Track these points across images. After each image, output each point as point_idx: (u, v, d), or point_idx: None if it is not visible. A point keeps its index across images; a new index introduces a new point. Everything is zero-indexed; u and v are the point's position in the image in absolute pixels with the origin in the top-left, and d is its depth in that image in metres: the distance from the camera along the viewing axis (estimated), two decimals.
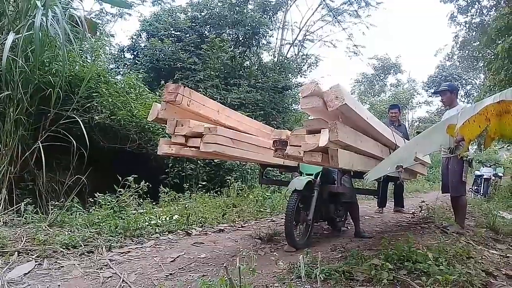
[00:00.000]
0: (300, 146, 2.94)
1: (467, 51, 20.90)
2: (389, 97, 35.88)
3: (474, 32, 16.43)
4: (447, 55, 29.80)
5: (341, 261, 3.30)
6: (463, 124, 1.81)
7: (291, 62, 17.41)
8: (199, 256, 3.57)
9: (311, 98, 2.68)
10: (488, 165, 14.06)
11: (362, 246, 4.07)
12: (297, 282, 2.72)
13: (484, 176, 11.96)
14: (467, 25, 17.35)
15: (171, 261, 3.37)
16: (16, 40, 4.83)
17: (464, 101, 26.81)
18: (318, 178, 4.14)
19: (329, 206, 4.51)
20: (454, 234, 4.53)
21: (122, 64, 13.11)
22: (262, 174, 5.18)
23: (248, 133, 4.13)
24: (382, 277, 2.66)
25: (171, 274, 3.01)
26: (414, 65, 72.28)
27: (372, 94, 39.33)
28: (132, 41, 14.60)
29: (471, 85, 30.82)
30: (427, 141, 2.38)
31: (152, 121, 3.82)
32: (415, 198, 10.30)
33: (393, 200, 7.65)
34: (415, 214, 6.45)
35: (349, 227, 5.21)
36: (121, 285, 2.72)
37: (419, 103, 37.87)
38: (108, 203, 4.71)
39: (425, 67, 79.68)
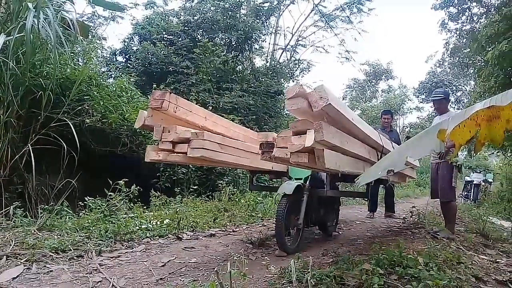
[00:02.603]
0: (287, 148, 2.95)
1: (457, 58, 21.08)
2: (380, 102, 35.94)
3: (465, 39, 16.61)
4: (437, 62, 30.20)
5: (332, 266, 3.29)
6: (453, 129, 1.82)
7: (284, 67, 17.43)
8: (190, 261, 3.55)
9: (296, 99, 2.69)
10: (478, 171, 14.20)
11: (353, 251, 4.08)
12: (288, 287, 2.72)
13: (474, 182, 12.07)
14: (457, 32, 17.56)
15: (162, 266, 3.34)
16: (7, 42, 4.78)
17: (454, 108, 26.98)
18: (307, 182, 4.14)
19: (319, 210, 4.51)
20: (445, 239, 4.56)
21: (114, 68, 13.03)
22: (252, 180, 5.18)
23: (236, 139, 4.12)
24: (373, 282, 2.66)
25: (161, 278, 2.99)
26: (405, 71, 73.00)
27: (364, 100, 39.41)
28: (124, 44, 14.58)
29: (461, 92, 31.05)
30: (418, 145, 2.38)
31: (139, 128, 3.80)
32: (406, 204, 10.35)
33: (384, 205, 7.69)
34: (405, 219, 6.48)
35: (340, 232, 5.22)
36: None
37: (410, 109, 38.03)
38: (98, 207, 4.68)
39: (416, 73, 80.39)
